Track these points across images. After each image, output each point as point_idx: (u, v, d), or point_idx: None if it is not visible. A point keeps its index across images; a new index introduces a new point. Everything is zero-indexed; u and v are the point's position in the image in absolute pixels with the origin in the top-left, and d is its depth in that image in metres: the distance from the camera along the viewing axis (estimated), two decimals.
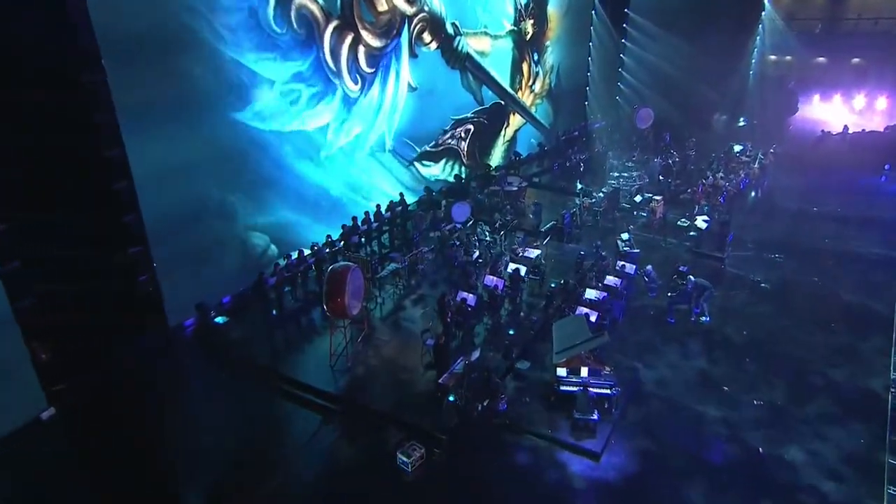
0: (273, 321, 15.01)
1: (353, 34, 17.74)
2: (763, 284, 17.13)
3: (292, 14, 15.66)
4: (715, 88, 30.73)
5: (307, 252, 16.08)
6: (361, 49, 18.19)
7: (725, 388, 12.75)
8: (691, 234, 19.66)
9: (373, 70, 18.82)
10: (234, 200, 15.12)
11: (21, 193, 7.49)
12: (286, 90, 15.97)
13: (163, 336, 13.21)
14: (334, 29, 17.07)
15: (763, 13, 32.66)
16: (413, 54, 20.30)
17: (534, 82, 27.72)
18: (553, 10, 27.87)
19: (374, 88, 18.97)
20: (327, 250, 16.39)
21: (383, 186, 20.16)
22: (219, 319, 14.58)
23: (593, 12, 30.60)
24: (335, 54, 17.26)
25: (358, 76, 18.29)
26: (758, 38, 33.41)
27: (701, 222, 19.65)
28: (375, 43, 18.68)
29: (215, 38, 13.86)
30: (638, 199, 22.12)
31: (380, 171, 20.09)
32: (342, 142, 18.15)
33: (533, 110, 28.16)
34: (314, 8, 16.30)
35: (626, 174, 25.28)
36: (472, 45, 23.01)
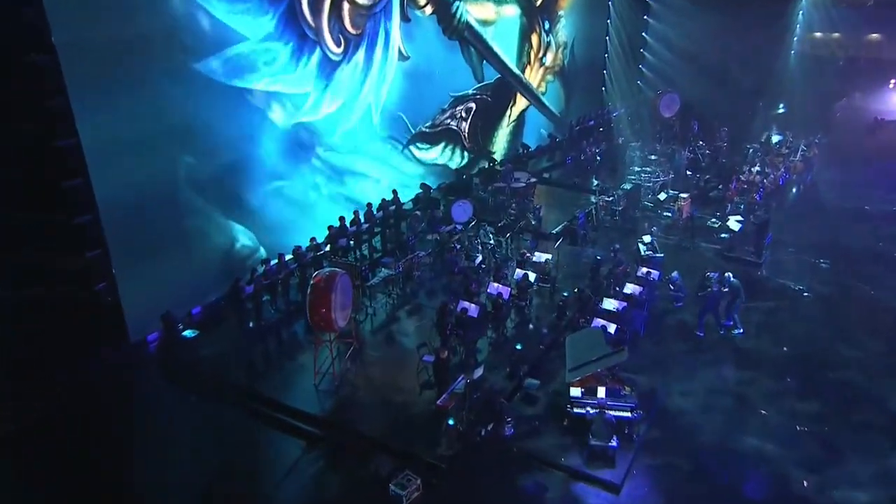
0: (250, 335, 15.01)
1: None
2: (805, 293, 17.13)
3: None
4: (750, 70, 30.73)
5: (289, 257, 16.09)
6: (346, 6, 18.12)
7: (763, 412, 12.74)
8: (723, 235, 19.71)
9: (359, 32, 18.76)
10: (205, 187, 14.96)
11: None
12: (259, 48, 15.76)
13: (123, 352, 13.31)
14: None
15: None
16: (405, 18, 20.30)
17: (544, 54, 27.66)
18: None
19: (359, 53, 18.87)
20: (311, 254, 16.42)
21: (372, 172, 20.13)
22: (188, 333, 14.57)
23: None
24: (315, 10, 17.06)
25: (341, 37, 18.18)
26: (800, 12, 33.45)
27: (734, 223, 19.67)
28: (362, 0, 18.65)
29: None
30: (662, 196, 22.16)
31: (369, 158, 20.10)
32: (324, 112, 18.01)
33: (542, 90, 28.13)
34: None
35: (648, 169, 25.26)
36: (472, 12, 22.99)
